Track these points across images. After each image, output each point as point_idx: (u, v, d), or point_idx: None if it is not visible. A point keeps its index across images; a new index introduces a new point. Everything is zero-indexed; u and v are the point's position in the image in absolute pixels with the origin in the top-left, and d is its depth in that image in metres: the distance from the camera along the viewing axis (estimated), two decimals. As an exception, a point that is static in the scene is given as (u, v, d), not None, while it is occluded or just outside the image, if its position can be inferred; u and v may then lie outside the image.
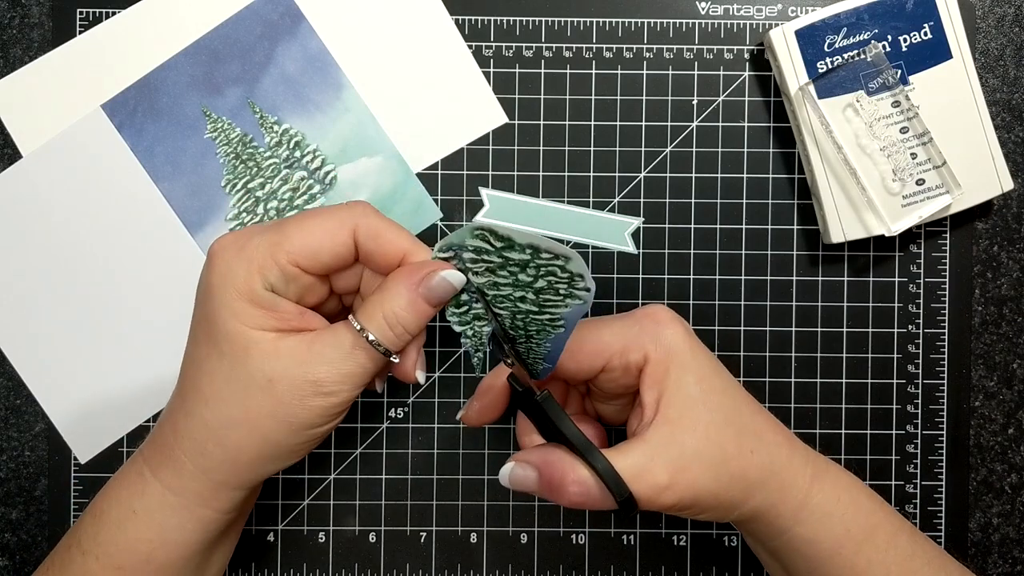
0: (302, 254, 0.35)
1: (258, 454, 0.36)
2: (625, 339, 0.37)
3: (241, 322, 0.35)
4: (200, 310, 0.36)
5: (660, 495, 0.35)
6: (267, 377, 0.34)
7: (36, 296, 0.47)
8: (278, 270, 0.35)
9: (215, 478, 0.36)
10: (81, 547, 0.37)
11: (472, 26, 0.48)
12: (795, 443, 0.39)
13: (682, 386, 0.36)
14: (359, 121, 0.47)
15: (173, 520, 0.36)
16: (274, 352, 0.34)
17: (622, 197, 0.48)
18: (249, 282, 0.35)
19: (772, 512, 0.37)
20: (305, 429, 0.35)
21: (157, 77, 0.47)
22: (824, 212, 0.46)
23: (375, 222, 0.36)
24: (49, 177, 0.47)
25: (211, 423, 0.35)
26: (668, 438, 0.36)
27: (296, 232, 0.35)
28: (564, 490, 0.36)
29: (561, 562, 0.48)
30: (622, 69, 0.48)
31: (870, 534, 0.38)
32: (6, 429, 0.47)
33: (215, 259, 0.35)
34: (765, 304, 0.48)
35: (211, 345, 0.35)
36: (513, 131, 0.48)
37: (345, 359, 0.35)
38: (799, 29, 0.45)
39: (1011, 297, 0.48)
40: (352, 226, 0.36)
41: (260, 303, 0.35)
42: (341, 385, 0.35)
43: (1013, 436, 0.48)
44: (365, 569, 0.48)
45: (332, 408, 0.35)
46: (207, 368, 0.35)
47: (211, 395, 0.35)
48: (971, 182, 0.46)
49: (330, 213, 0.36)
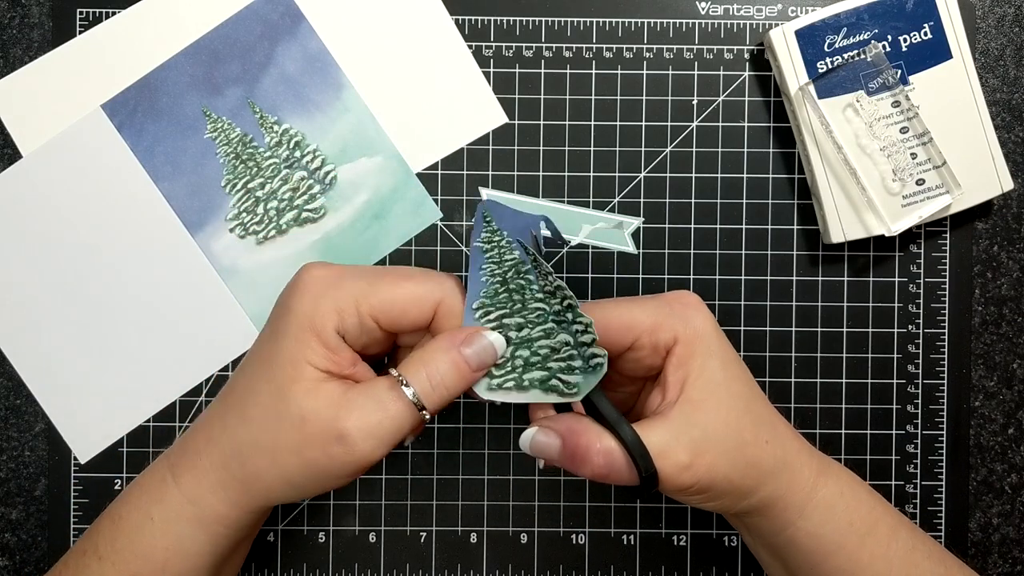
0: (385, 313, 0.36)
1: (273, 486, 0.36)
2: (656, 318, 0.37)
3: (302, 353, 0.35)
4: (270, 329, 0.37)
5: (680, 474, 0.35)
6: (301, 414, 0.34)
7: (36, 296, 0.47)
8: (358, 319, 0.36)
9: (230, 496, 0.36)
10: (98, 552, 0.37)
11: (472, 26, 0.48)
12: (801, 439, 0.39)
13: (707, 370, 0.37)
14: (359, 121, 0.47)
15: (188, 531, 0.36)
16: (314, 391, 0.35)
17: (622, 197, 0.48)
18: (325, 320, 0.35)
19: (780, 504, 0.37)
20: (323, 477, 0.35)
21: (157, 77, 0.47)
22: (824, 212, 0.46)
23: (456, 304, 0.37)
24: (49, 177, 0.47)
25: (241, 442, 0.35)
26: (691, 419, 0.36)
27: (387, 290, 0.36)
28: (588, 460, 0.35)
29: (561, 562, 0.48)
30: (622, 69, 0.48)
31: (872, 528, 0.38)
32: (6, 429, 0.47)
33: (305, 287, 0.36)
34: (765, 304, 0.48)
35: (267, 366, 0.35)
36: (513, 131, 0.48)
37: (376, 410, 0.35)
38: (799, 29, 0.45)
39: (1011, 297, 0.48)
40: (437, 301, 0.37)
41: (327, 342, 0.35)
42: (366, 437, 0.34)
43: (1013, 436, 0.48)
44: (365, 569, 0.48)
45: (352, 463, 0.35)
46: (255, 389, 0.36)
47: (250, 416, 0.35)
48: (971, 182, 0.46)
49: (422, 282, 0.37)
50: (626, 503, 0.48)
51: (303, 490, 0.36)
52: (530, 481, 0.48)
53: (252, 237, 0.47)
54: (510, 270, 0.37)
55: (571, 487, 0.48)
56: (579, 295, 0.47)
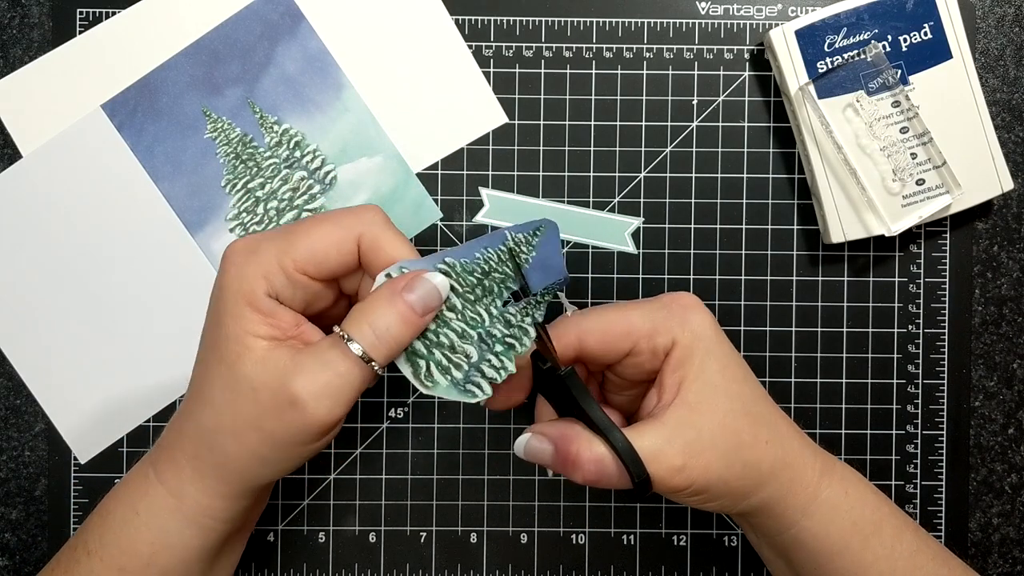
0: (308, 262, 0.35)
1: (245, 464, 0.35)
2: (654, 322, 0.37)
3: (241, 327, 0.35)
4: (209, 312, 0.36)
5: (673, 477, 0.35)
6: (252, 386, 0.34)
7: (36, 296, 0.47)
8: (284, 277, 0.35)
9: (209, 484, 0.36)
10: (87, 547, 0.37)
11: (472, 26, 0.48)
12: (805, 438, 0.39)
13: (704, 372, 0.37)
14: (359, 121, 0.47)
15: (173, 524, 0.36)
16: (262, 360, 0.34)
17: (622, 197, 0.48)
18: (254, 287, 0.35)
19: (781, 504, 0.37)
20: (287, 446, 0.35)
21: (157, 77, 0.47)
22: (824, 212, 0.46)
23: (378, 231, 0.36)
24: (49, 177, 0.47)
25: (206, 427, 0.35)
26: (685, 421, 0.36)
27: (303, 239, 0.35)
28: (579, 466, 0.35)
29: (561, 562, 0.48)
30: (622, 69, 0.48)
31: (876, 528, 0.38)
32: (6, 429, 0.47)
33: (227, 263, 0.36)
34: (765, 304, 0.48)
35: (214, 348, 0.35)
36: (513, 131, 0.48)
37: (323, 369, 0.34)
38: (799, 29, 0.45)
39: (1011, 297, 0.48)
40: (357, 234, 0.36)
41: (260, 309, 0.35)
42: (317, 398, 0.34)
43: (1013, 436, 0.48)
44: (365, 569, 0.48)
45: (309, 427, 0.34)
46: (209, 373, 0.35)
47: (208, 399, 0.35)
48: (971, 182, 0.46)
49: (337, 220, 0.36)
50: (626, 503, 0.48)
51: (274, 464, 0.36)
52: (530, 481, 0.48)
53: (252, 237, 0.47)
54: (500, 275, 0.37)
55: (571, 487, 0.48)
56: (579, 295, 0.48)
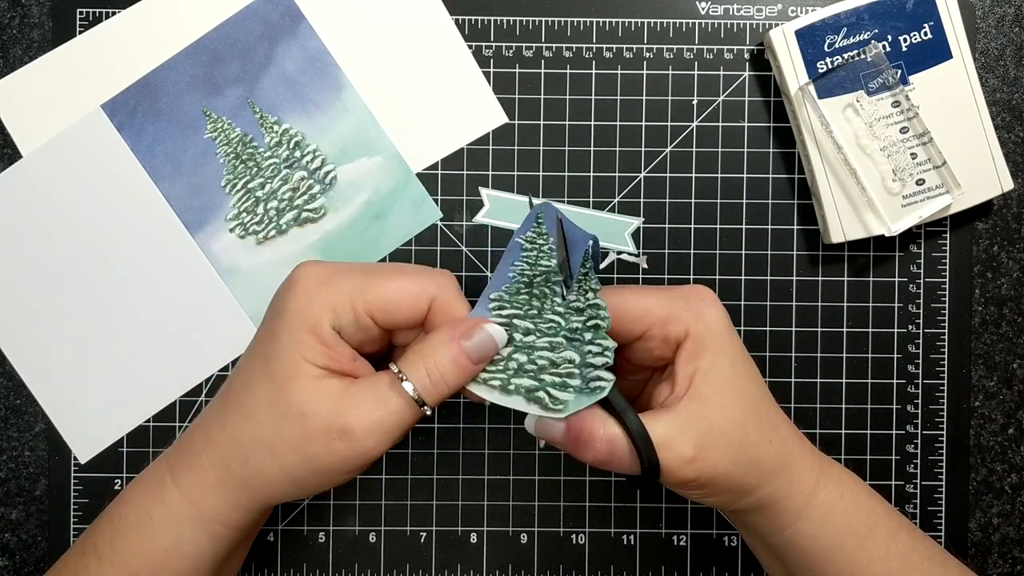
0: (380, 309, 0.36)
1: (276, 483, 0.36)
2: (670, 310, 0.37)
3: (298, 351, 0.35)
4: (266, 328, 0.36)
5: (682, 468, 0.35)
6: (302, 411, 0.34)
7: (36, 296, 0.47)
8: (353, 316, 0.36)
9: (232, 496, 0.36)
10: (97, 552, 0.37)
11: (472, 26, 0.48)
12: (804, 440, 0.39)
13: (717, 366, 0.37)
14: (359, 121, 0.47)
15: (188, 531, 0.36)
16: (315, 388, 0.35)
17: (622, 197, 0.48)
18: (320, 317, 0.35)
19: (779, 504, 0.37)
20: (326, 473, 0.35)
21: (157, 77, 0.47)
22: (824, 212, 0.46)
23: (452, 300, 0.37)
24: (49, 177, 0.47)
25: (242, 441, 0.35)
26: (698, 414, 0.36)
27: (381, 286, 0.36)
28: (591, 445, 0.36)
29: (561, 562, 0.48)
30: (622, 69, 0.48)
31: (871, 530, 0.38)
32: (6, 429, 0.47)
33: (298, 284, 0.36)
34: (765, 304, 0.48)
35: (264, 364, 0.35)
36: (513, 131, 0.48)
37: (377, 406, 0.35)
38: (799, 29, 0.45)
39: (1011, 297, 0.48)
40: (432, 296, 0.37)
41: (323, 339, 0.35)
42: (368, 433, 0.34)
43: (1013, 436, 0.48)
44: (365, 569, 0.48)
45: (355, 458, 0.35)
46: (253, 387, 0.36)
47: (249, 414, 0.35)
48: (971, 182, 0.46)
49: (415, 277, 0.37)
50: (626, 503, 0.48)
51: (305, 487, 0.36)
52: (530, 481, 0.48)
53: (252, 237, 0.47)
54: (540, 275, 0.37)
55: (571, 487, 0.48)
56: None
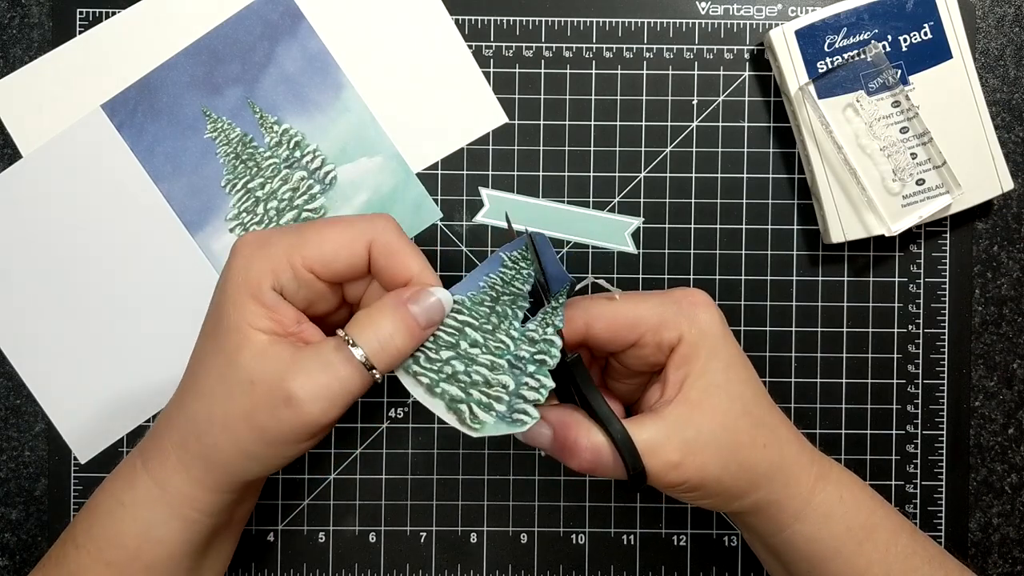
0: (317, 260, 0.35)
1: (230, 457, 0.35)
2: (663, 316, 0.37)
3: (243, 318, 0.35)
4: (212, 302, 0.36)
5: (669, 473, 0.35)
6: (250, 378, 0.34)
7: (36, 296, 0.47)
8: (291, 273, 0.35)
9: (193, 475, 0.36)
10: (76, 541, 0.37)
11: (472, 26, 0.48)
12: (803, 443, 0.39)
13: (708, 370, 0.37)
14: (359, 121, 0.47)
15: (158, 516, 0.36)
16: (261, 354, 0.34)
17: (622, 197, 0.48)
18: (260, 280, 0.35)
19: (775, 507, 0.37)
20: (276, 443, 0.35)
21: (157, 77, 0.47)
22: (824, 212, 0.46)
23: (392, 239, 0.36)
24: (49, 177, 0.47)
25: (197, 417, 0.35)
26: (686, 418, 0.36)
27: (314, 238, 0.36)
28: (576, 452, 0.36)
29: (561, 562, 0.48)
30: (622, 69, 0.48)
31: (870, 533, 0.38)
32: (6, 429, 0.47)
33: (235, 254, 0.36)
34: (765, 304, 0.48)
35: (213, 338, 0.35)
36: (513, 131, 0.48)
37: (323, 370, 0.34)
38: (799, 29, 0.45)
39: (1011, 297, 0.48)
40: (369, 239, 0.36)
41: (264, 302, 0.35)
42: (314, 399, 0.34)
43: (1013, 436, 0.48)
44: (365, 569, 0.48)
45: (302, 426, 0.34)
46: (206, 363, 0.36)
47: (203, 390, 0.35)
48: (971, 182, 0.46)
49: (350, 223, 0.36)
50: (626, 503, 0.48)
51: (260, 460, 0.36)
52: (530, 481, 0.48)
53: (252, 237, 0.47)
54: (509, 295, 0.37)
55: (571, 487, 0.48)
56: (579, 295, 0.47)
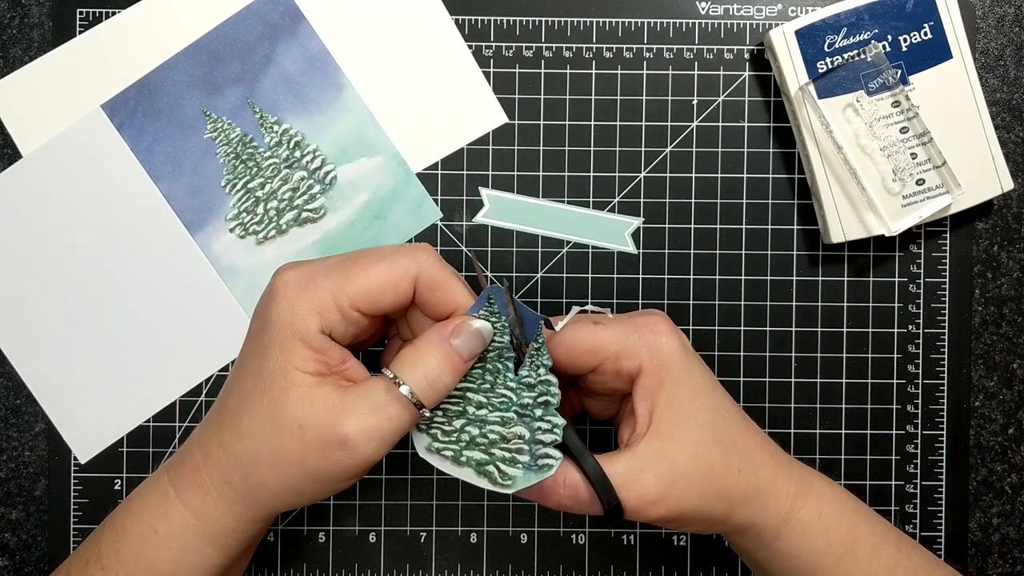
0: (364, 300, 0.36)
1: (278, 496, 0.36)
2: (622, 345, 0.37)
3: (290, 362, 0.35)
4: (254, 342, 0.36)
5: (647, 508, 0.36)
6: (299, 423, 0.34)
7: (36, 296, 0.47)
8: (339, 314, 0.36)
9: (236, 510, 0.36)
10: (101, 562, 0.37)
11: (472, 26, 0.48)
12: (781, 460, 0.39)
13: (675, 401, 0.37)
14: (359, 121, 0.47)
15: (194, 544, 0.36)
16: (309, 399, 0.34)
17: (622, 197, 0.48)
18: (307, 323, 0.35)
19: (755, 528, 0.38)
20: (327, 482, 0.35)
21: (157, 77, 0.47)
22: (824, 212, 0.46)
23: (436, 274, 0.36)
24: (49, 177, 0.47)
25: (240, 457, 0.35)
26: (659, 452, 0.36)
27: (360, 278, 0.36)
28: (554, 492, 0.36)
29: (561, 562, 0.48)
30: (622, 69, 0.48)
31: (851, 547, 0.38)
32: (6, 429, 0.47)
33: (277, 294, 0.36)
34: (765, 304, 0.48)
35: (257, 380, 0.35)
36: (513, 131, 0.48)
37: (374, 412, 0.34)
38: (799, 29, 0.45)
39: (1011, 297, 0.48)
40: (414, 275, 0.36)
41: (312, 346, 0.35)
42: (367, 440, 0.34)
43: (1013, 436, 0.48)
44: (365, 569, 0.48)
45: (355, 467, 0.35)
46: (248, 403, 0.35)
47: (247, 432, 0.35)
48: (971, 182, 0.46)
49: (393, 260, 0.36)
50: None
51: (307, 496, 0.36)
52: (530, 481, 0.48)
53: (252, 237, 0.47)
54: (493, 351, 0.37)
55: (571, 487, 0.48)
56: (579, 295, 0.48)
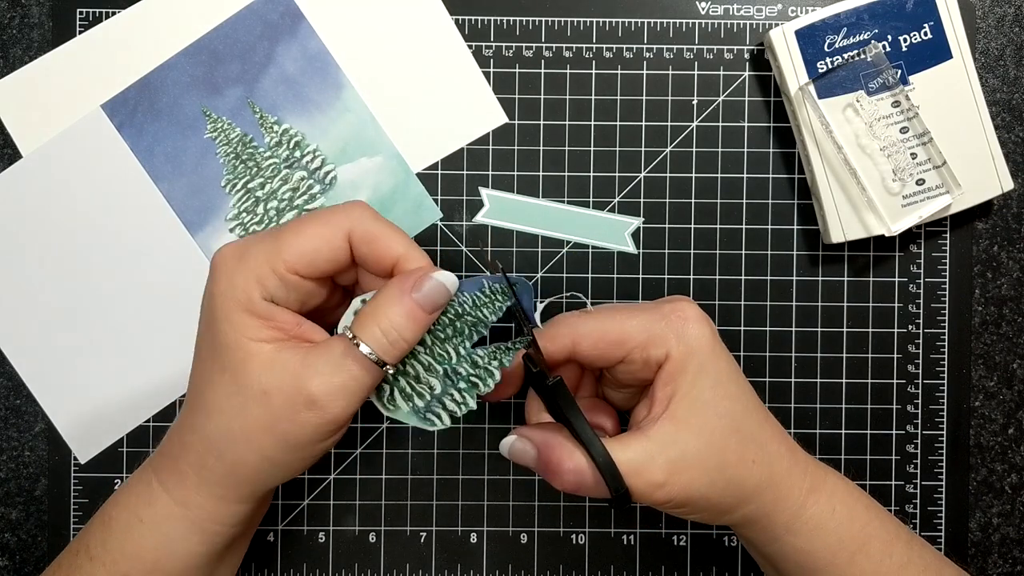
0: (299, 262, 0.35)
1: (256, 469, 0.36)
2: (650, 333, 0.37)
3: (240, 334, 0.35)
4: (203, 322, 0.36)
5: (654, 492, 0.35)
6: (263, 389, 0.34)
7: (36, 296, 0.47)
8: (277, 279, 0.35)
9: (216, 492, 0.36)
10: (89, 553, 0.37)
11: (472, 26, 0.48)
12: (797, 454, 0.39)
13: (696, 387, 0.36)
14: (359, 121, 0.47)
15: (178, 531, 0.36)
16: (270, 364, 0.34)
17: (622, 197, 0.48)
18: (248, 293, 0.35)
19: (765, 520, 0.37)
20: (301, 446, 0.35)
21: (157, 77, 0.47)
22: (824, 212, 0.46)
23: (370, 226, 0.36)
24: (49, 177, 0.47)
25: (212, 437, 0.35)
26: (672, 437, 0.36)
27: (291, 240, 0.35)
28: (559, 474, 0.36)
29: (561, 562, 0.48)
30: (622, 69, 0.48)
31: (863, 544, 0.38)
32: (6, 429, 0.47)
33: (216, 271, 0.35)
34: (765, 304, 0.48)
35: (213, 358, 0.35)
36: (513, 131, 0.48)
37: (337, 370, 0.34)
38: (799, 29, 0.45)
39: (1011, 297, 0.48)
40: (347, 230, 0.36)
41: (258, 313, 0.35)
42: (334, 399, 0.34)
43: (1013, 436, 0.48)
44: (365, 569, 0.48)
45: (325, 425, 0.35)
46: (210, 381, 0.35)
47: (213, 409, 0.35)
48: (971, 182, 0.46)
49: (325, 218, 0.36)
50: (626, 503, 0.48)
51: (286, 467, 0.36)
52: (530, 481, 0.48)
53: (252, 237, 0.47)
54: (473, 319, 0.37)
55: (571, 487, 0.48)
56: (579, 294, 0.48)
